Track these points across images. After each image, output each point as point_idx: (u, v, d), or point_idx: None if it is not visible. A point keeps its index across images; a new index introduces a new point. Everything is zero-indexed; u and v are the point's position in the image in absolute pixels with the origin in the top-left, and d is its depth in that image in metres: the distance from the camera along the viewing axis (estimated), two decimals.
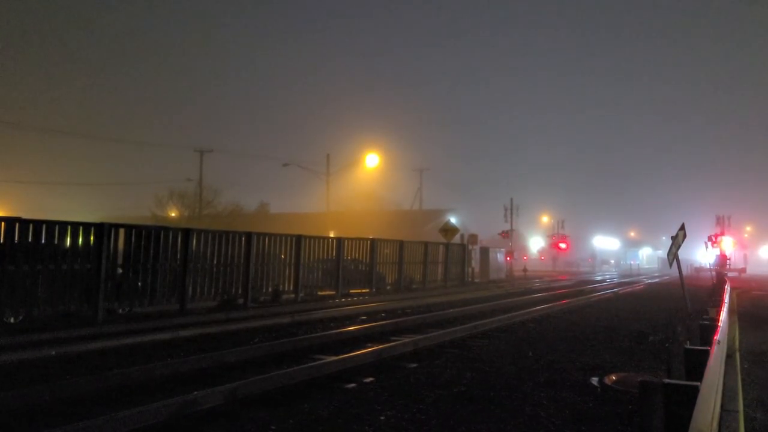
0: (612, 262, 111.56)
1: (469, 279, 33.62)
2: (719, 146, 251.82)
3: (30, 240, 11.69)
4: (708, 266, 44.13)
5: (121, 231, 13.61)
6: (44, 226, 12.02)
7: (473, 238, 38.03)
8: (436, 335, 11.57)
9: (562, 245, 62.80)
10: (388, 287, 24.64)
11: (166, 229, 14.97)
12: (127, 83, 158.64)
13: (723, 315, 11.33)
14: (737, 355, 10.38)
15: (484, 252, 38.86)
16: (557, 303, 19.87)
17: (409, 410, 6.42)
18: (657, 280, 47.90)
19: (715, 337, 7.67)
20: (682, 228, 15.68)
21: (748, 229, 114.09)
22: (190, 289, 15.01)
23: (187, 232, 15.17)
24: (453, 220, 35.59)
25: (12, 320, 11.36)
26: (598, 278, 50.55)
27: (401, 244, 25.79)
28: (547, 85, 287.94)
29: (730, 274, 44.95)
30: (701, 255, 60.43)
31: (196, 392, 6.37)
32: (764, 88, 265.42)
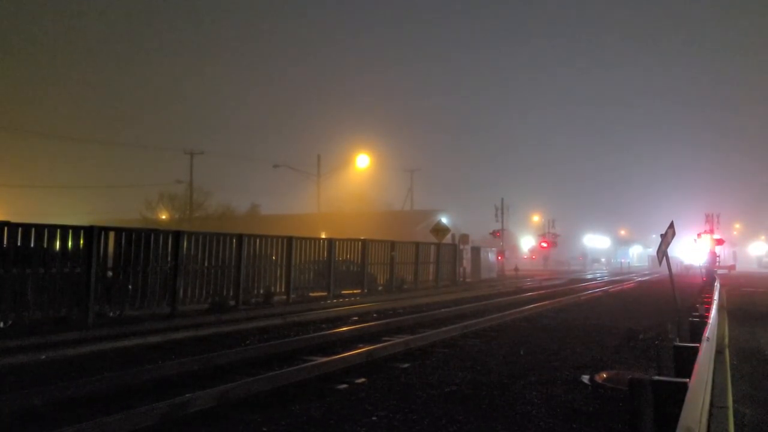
0: (603, 260, 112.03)
1: (461, 279, 33.67)
2: (709, 145, 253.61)
3: (19, 244, 11.62)
4: (698, 266, 44.44)
5: (111, 234, 13.55)
6: (33, 230, 11.96)
7: (464, 237, 38.12)
8: (427, 335, 11.58)
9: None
10: (380, 288, 24.65)
11: (157, 231, 14.91)
12: (116, 85, 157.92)
13: (712, 312, 11.40)
14: (727, 351, 10.45)
15: (476, 252, 38.94)
16: (548, 302, 19.93)
17: (401, 410, 6.43)
18: (647, 278, 48.14)
19: (704, 334, 7.72)
20: (671, 226, 15.73)
21: (737, 226, 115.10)
22: (181, 291, 14.96)
23: (177, 235, 15.12)
24: (444, 220, 35.63)
25: (1, 325, 11.28)
26: (589, 277, 50.76)
27: (392, 244, 25.80)
28: (538, 86, 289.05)
29: (719, 272, 45.27)
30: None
31: (187, 395, 6.36)
32: (755, 88, 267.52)
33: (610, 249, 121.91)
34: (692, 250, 52.90)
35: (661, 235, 15.90)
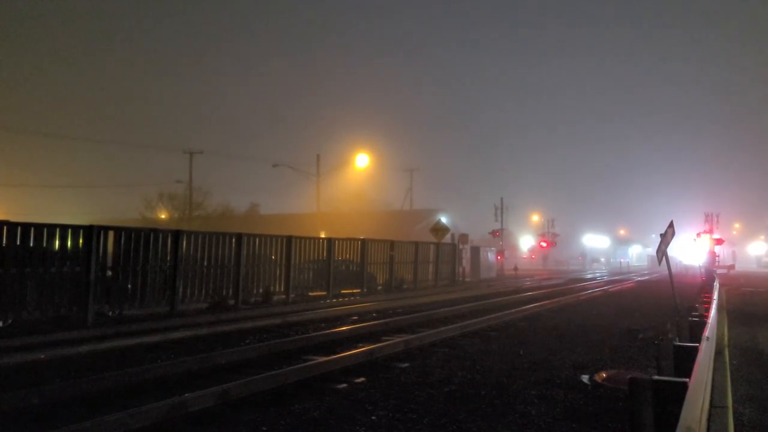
0: (602, 260, 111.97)
1: (460, 278, 33.66)
2: (708, 144, 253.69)
3: (18, 243, 11.62)
4: (698, 266, 44.49)
5: (111, 233, 13.55)
6: (33, 229, 11.96)
7: (464, 237, 38.10)
8: (426, 335, 11.57)
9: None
10: (379, 287, 24.65)
11: (156, 231, 14.90)
12: (116, 85, 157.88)
13: (712, 311, 11.40)
14: (726, 351, 10.45)
15: (475, 251, 38.93)
16: (547, 301, 19.92)
17: (401, 410, 6.43)
18: (647, 277, 48.13)
19: (704, 334, 7.72)
20: (671, 226, 15.75)
21: (737, 226, 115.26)
22: (181, 291, 14.96)
23: (177, 234, 15.12)
24: (443, 219, 35.62)
25: (1, 324, 11.28)
26: (588, 276, 50.73)
27: (392, 244, 25.80)
28: (538, 85, 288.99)
29: (719, 271, 45.29)
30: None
31: (186, 394, 6.34)
32: (754, 87, 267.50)
33: (609, 249, 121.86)
34: (692, 250, 52.97)
35: (661, 235, 15.92)
